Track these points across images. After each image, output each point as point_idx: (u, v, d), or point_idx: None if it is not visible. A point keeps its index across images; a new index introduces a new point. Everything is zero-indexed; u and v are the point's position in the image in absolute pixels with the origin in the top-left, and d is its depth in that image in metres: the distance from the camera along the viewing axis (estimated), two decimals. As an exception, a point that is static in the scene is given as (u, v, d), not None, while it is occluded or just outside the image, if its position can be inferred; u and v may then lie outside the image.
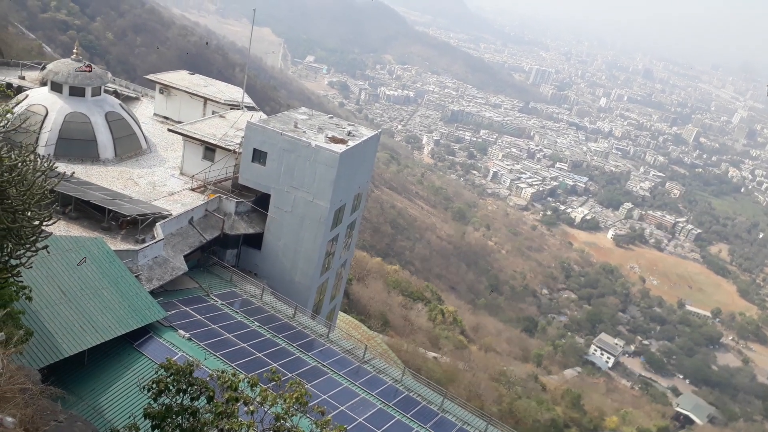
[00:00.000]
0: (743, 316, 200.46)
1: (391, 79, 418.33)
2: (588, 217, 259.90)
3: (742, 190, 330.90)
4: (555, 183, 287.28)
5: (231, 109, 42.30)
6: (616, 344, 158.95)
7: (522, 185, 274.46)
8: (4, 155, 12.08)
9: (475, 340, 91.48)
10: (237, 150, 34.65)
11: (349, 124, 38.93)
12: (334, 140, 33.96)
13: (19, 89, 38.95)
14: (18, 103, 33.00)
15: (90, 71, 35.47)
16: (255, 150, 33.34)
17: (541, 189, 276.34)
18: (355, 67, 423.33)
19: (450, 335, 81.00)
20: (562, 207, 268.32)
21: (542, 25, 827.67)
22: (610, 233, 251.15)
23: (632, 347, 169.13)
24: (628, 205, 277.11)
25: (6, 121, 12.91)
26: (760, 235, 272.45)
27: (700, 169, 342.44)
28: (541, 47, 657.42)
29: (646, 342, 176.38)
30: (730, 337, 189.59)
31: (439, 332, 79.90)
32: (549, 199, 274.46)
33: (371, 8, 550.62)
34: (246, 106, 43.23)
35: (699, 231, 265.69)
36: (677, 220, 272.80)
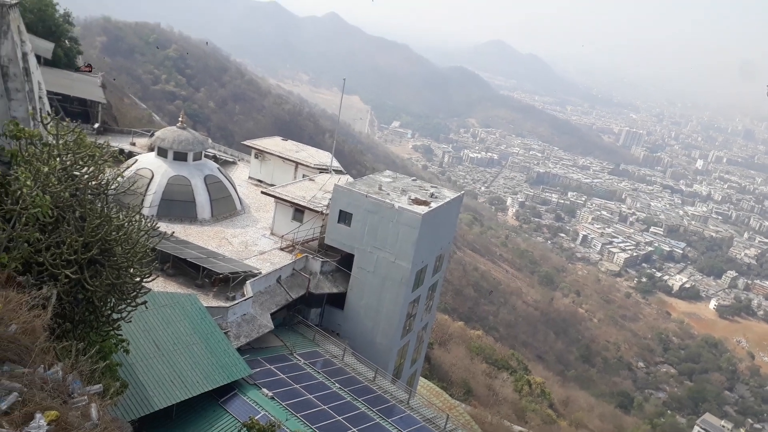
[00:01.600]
0: None
1: (475, 142, 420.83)
2: (687, 286, 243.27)
3: None
4: (650, 248, 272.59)
5: (320, 172, 43.88)
6: (723, 426, 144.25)
7: (614, 250, 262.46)
8: (113, 216, 13.03)
9: (565, 415, 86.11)
10: (324, 211, 35.66)
11: (431, 186, 39.23)
12: (417, 202, 34.23)
13: (130, 154, 42.44)
14: (128, 168, 35.91)
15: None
16: (341, 211, 34.17)
17: (634, 254, 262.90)
18: (438, 131, 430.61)
19: (537, 408, 76.79)
20: (658, 274, 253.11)
21: (631, 87, 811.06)
22: (713, 303, 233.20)
23: (742, 431, 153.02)
24: (732, 273, 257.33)
25: (117, 185, 14.01)
26: None
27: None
28: (630, 109, 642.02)
29: (758, 426, 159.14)
30: None
31: (525, 404, 75.95)
32: (644, 265, 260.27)
33: (456, 74, 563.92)
34: (334, 170, 44.72)
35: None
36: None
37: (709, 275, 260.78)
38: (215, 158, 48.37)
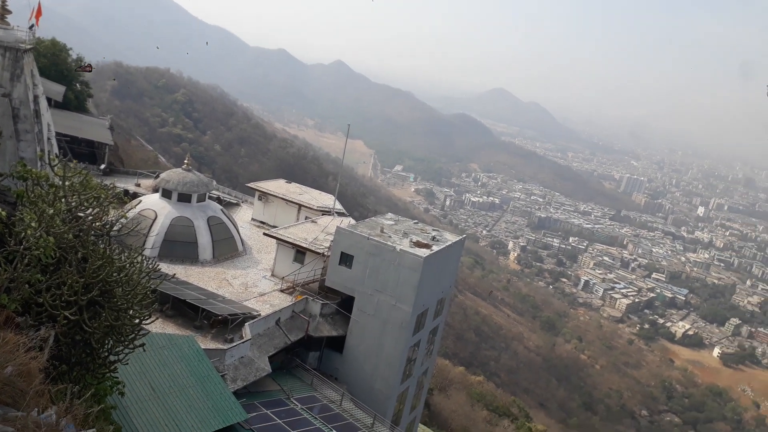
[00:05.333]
0: None
1: (477, 186, 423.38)
2: (690, 333, 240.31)
3: None
4: (652, 294, 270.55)
5: (323, 214, 44.15)
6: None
7: (616, 296, 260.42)
8: (115, 257, 13.14)
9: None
10: (326, 253, 35.72)
11: (433, 229, 39.37)
12: (419, 245, 34.31)
13: (135, 195, 42.85)
14: (131, 209, 36.22)
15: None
16: (342, 253, 34.22)
17: (637, 300, 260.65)
18: (441, 175, 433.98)
19: (539, 457, 74.93)
20: (661, 320, 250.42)
21: (632, 135, 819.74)
22: (716, 351, 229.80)
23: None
24: (735, 320, 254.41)
25: (120, 225, 14.17)
26: None
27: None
28: (631, 156, 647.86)
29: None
30: None
31: (527, 453, 74.17)
32: (646, 311, 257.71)
33: (459, 121, 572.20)
34: (336, 212, 45.00)
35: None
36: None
37: (712, 322, 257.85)
38: (219, 200, 48.75)
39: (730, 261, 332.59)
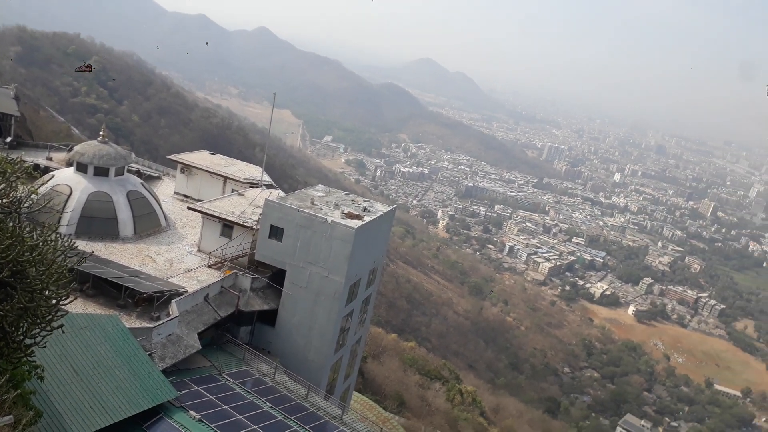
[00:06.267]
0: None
1: (406, 156, 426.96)
2: (607, 293, 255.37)
3: (764, 264, 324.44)
4: (572, 258, 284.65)
5: (250, 187, 43.17)
6: (643, 426, 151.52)
7: (539, 260, 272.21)
8: (26, 235, 12.35)
9: (496, 422, 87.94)
10: (254, 227, 35.07)
11: (364, 200, 39.42)
12: (350, 216, 34.30)
13: (46, 170, 40.32)
14: (43, 184, 34.09)
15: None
16: (272, 226, 33.70)
17: (558, 264, 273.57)
18: (371, 145, 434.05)
19: (469, 417, 78.01)
20: (581, 282, 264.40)
21: (553, 105, 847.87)
22: (631, 309, 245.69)
23: (660, 429, 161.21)
24: (648, 280, 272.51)
25: (30, 202, 13.29)
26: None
27: (720, 244, 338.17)
28: (553, 125, 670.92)
29: (674, 424, 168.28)
30: (764, 419, 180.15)
31: (457, 414, 77.01)
32: (567, 274, 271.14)
33: (387, 91, 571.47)
34: (264, 184, 44.12)
35: (723, 306, 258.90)
36: (699, 295, 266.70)
37: (627, 282, 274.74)
38: (139, 173, 46.70)
39: (643, 224, 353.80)
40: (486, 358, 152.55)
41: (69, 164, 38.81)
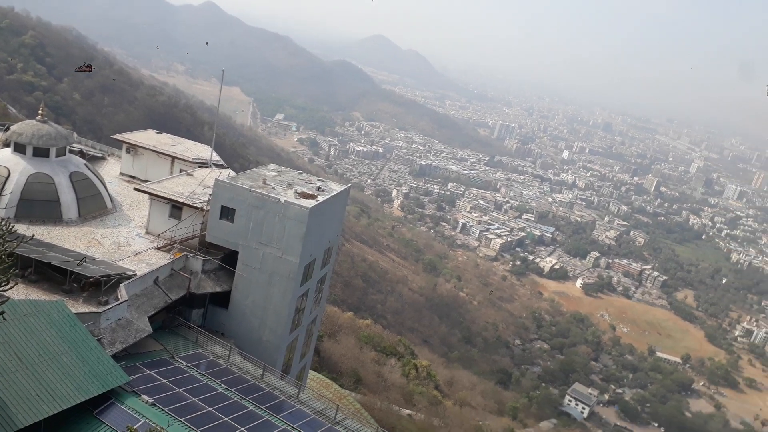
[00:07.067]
0: (712, 362, 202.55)
1: (360, 135, 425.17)
2: (556, 267, 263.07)
3: (703, 236, 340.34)
4: (523, 234, 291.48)
5: (199, 167, 42.19)
6: (590, 394, 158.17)
7: (491, 236, 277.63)
8: (-39, 219, 11.81)
9: (450, 395, 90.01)
10: (204, 207, 34.40)
11: (318, 180, 39.15)
12: (304, 195, 34.04)
13: (-19, 151, 38.32)
14: (-22, 165, 32.49)
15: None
16: (223, 207, 33.10)
17: (509, 240, 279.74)
18: (324, 124, 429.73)
19: (424, 391, 79.56)
20: (531, 257, 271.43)
21: (504, 83, 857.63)
22: (579, 282, 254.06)
23: (606, 396, 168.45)
24: (595, 253, 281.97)
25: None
26: (723, 281, 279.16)
27: (663, 218, 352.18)
28: (504, 103, 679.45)
29: (619, 390, 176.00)
30: (701, 383, 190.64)
31: (413, 388, 78.43)
32: (517, 249, 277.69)
33: (340, 68, 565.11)
34: (214, 164, 43.22)
35: (665, 278, 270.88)
36: (643, 267, 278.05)
37: (575, 256, 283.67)
38: (82, 154, 44.95)
39: (590, 200, 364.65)
40: (440, 333, 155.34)
41: (6, 145, 37.02)
